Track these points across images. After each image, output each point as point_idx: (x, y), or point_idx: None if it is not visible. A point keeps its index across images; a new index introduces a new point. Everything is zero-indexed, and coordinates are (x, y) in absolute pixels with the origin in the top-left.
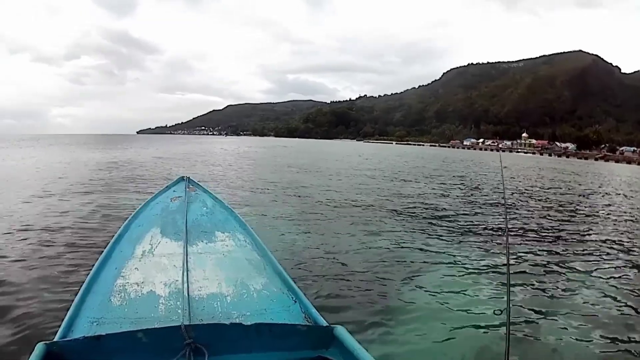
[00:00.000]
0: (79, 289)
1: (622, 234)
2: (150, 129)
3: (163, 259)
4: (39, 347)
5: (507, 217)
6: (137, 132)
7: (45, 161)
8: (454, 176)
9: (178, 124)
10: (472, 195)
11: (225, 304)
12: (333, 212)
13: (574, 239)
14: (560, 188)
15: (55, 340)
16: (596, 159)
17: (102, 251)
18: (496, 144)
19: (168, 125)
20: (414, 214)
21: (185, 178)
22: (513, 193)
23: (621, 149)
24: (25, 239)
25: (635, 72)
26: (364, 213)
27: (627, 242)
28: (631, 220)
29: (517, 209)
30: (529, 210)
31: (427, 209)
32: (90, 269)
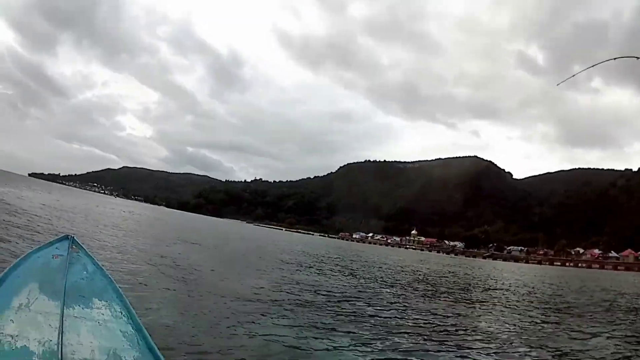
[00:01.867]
0: None
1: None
2: (42, 173)
3: (39, 316)
4: None
5: None
6: (29, 174)
7: None
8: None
9: (71, 175)
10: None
11: None
12: (216, 290)
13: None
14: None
15: None
16: (484, 257)
17: None
18: (385, 238)
19: (61, 174)
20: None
21: (69, 237)
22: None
23: (508, 248)
24: None
25: (525, 177)
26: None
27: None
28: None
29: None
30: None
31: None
32: None
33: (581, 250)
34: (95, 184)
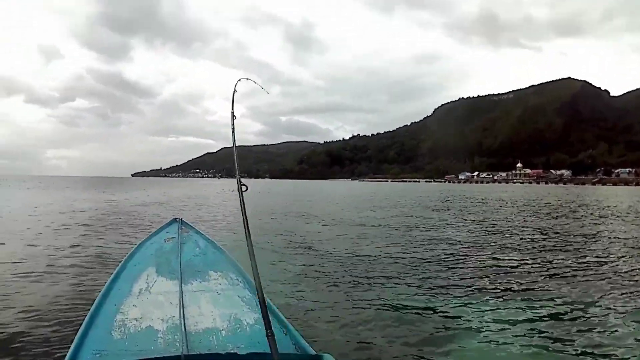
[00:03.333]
0: (81, 324)
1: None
2: (145, 171)
3: (159, 297)
4: None
5: None
6: (132, 175)
7: (43, 203)
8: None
9: (173, 166)
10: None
11: (220, 338)
12: (330, 246)
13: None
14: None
15: None
16: (593, 184)
17: (101, 289)
18: (491, 176)
19: (163, 168)
20: (424, 260)
21: (177, 220)
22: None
23: (616, 171)
24: (28, 278)
25: (623, 94)
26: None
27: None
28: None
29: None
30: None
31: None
32: (90, 306)
33: None
34: (198, 170)
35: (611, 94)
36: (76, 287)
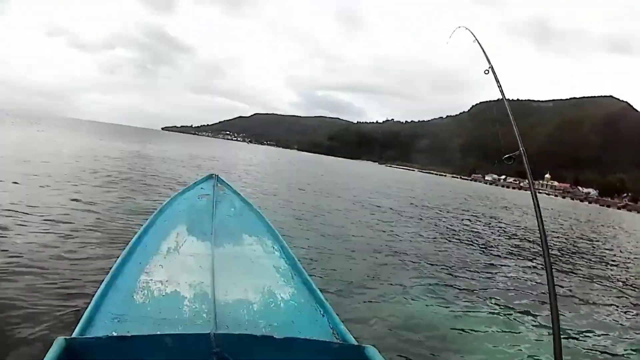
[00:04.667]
0: (101, 283)
1: None
2: (175, 126)
3: (189, 259)
4: (59, 342)
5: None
6: (162, 129)
7: (75, 147)
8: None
9: (204, 125)
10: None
11: (252, 312)
12: (372, 232)
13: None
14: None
15: (74, 336)
16: (618, 207)
17: (126, 246)
18: (517, 182)
19: (193, 126)
20: (458, 242)
21: (214, 176)
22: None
23: None
24: (49, 230)
25: None
26: (409, 238)
27: None
28: None
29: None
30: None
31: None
32: (113, 263)
33: None
34: (228, 132)
35: None
36: (100, 242)
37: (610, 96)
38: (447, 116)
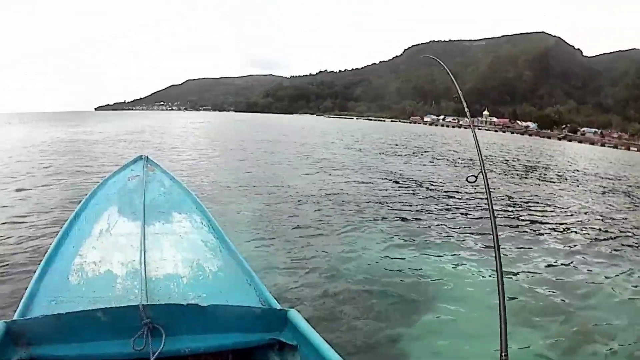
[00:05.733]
0: (37, 268)
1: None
2: (108, 105)
3: (120, 239)
4: (0, 326)
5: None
6: (95, 109)
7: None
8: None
9: (137, 99)
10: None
11: (181, 285)
12: (299, 197)
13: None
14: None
15: (14, 319)
16: (559, 139)
17: (60, 230)
18: (457, 120)
19: (126, 101)
20: (388, 203)
21: (143, 157)
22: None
23: (582, 129)
24: None
25: (596, 55)
26: (332, 201)
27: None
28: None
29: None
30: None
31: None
32: (48, 248)
33: None
34: (162, 102)
35: (584, 54)
36: (34, 228)
37: (542, 32)
38: (381, 62)
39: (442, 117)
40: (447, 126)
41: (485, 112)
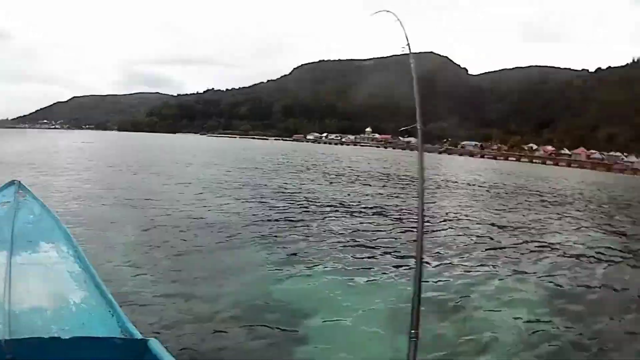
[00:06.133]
0: None
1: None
2: None
3: None
4: None
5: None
6: None
7: None
8: None
9: (20, 117)
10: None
11: (46, 318)
12: (176, 220)
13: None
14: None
15: None
16: (439, 152)
17: None
18: (339, 137)
19: (9, 119)
20: (264, 222)
21: (16, 182)
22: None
23: (462, 143)
24: None
25: (480, 74)
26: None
27: None
28: None
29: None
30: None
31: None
32: None
33: (534, 147)
34: (46, 120)
35: (469, 72)
36: None
37: (431, 52)
38: (269, 80)
39: (325, 134)
40: (330, 143)
41: (368, 129)
